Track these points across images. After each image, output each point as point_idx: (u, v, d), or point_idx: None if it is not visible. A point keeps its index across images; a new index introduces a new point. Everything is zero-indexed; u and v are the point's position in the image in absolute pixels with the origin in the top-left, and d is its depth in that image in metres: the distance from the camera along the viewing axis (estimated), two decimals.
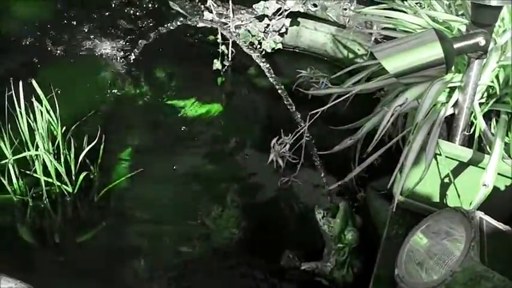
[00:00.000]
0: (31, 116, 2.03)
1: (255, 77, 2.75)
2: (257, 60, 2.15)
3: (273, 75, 2.06)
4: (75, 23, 2.96)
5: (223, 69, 2.75)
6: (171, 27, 2.63)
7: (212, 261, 2.02)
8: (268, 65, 2.14)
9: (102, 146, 2.20)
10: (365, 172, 1.99)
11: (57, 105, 2.05)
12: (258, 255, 2.02)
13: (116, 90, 2.62)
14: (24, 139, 2.06)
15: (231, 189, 2.19)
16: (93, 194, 2.17)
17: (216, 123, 2.51)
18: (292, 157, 2.09)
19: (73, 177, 2.14)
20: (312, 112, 1.79)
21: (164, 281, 1.98)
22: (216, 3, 2.90)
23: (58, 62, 2.72)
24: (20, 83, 1.96)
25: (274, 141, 2.04)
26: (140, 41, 2.74)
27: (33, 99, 1.97)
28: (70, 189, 2.12)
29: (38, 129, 1.99)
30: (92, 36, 2.88)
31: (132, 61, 2.75)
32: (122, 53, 2.81)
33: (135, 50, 2.76)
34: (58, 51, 2.77)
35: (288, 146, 2.01)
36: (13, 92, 1.96)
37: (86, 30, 2.91)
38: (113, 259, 2.02)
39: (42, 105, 1.97)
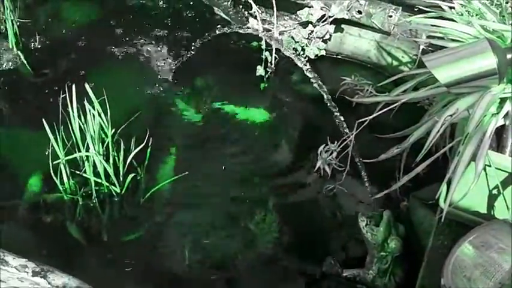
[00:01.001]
0: (82, 118, 2.09)
1: (298, 83, 2.77)
2: (303, 68, 2.16)
3: (320, 83, 2.07)
4: (122, 28, 3.01)
5: (266, 75, 2.77)
6: (213, 34, 2.65)
7: (255, 265, 2.05)
8: (314, 73, 2.15)
9: (149, 149, 2.25)
10: (409, 181, 1.99)
11: (108, 108, 2.10)
12: (300, 260, 2.04)
13: (161, 94, 2.66)
14: (75, 140, 2.12)
15: (275, 194, 2.21)
16: (139, 195, 2.23)
17: (260, 129, 2.53)
18: (338, 164, 2.10)
19: (121, 178, 2.19)
20: (360, 120, 1.80)
21: (206, 283, 2.02)
22: (260, 9, 2.93)
23: (106, 66, 2.78)
24: (73, 86, 2.02)
25: (321, 148, 2.06)
26: (185, 48, 2.80)
27: (86, 102, 2.03)
28: (118, 190, 2.18)
29: (89, 131, 2.05)
30: (138, 41, 2.94)
31: (176, 66, 2.79)
32: (167, 58, 2.85)
33: (181, 55, 2.80)
34: (106, 55, 2.83)
35: (334, 154, 2.02)
36: (67, 94, 2.02)
37: (133, 35, 2.97)
38: (156, 258, 2.07)
39: (94, 108, 2.03)
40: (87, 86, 2.02)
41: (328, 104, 2.06)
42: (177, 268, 2.06)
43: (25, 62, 2.69)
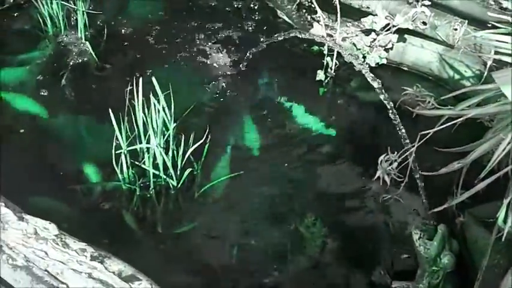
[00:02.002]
0: (146, 111, 2.15)
1: (358, 91, 2.77)
2: (367, 75, 2.16)
3: (383, 92, 2.06)
4: (187, 26, 3.08)
5: (326, 81, 2.78)
6: (279, 38, 2.67)
7: (302, 268, 2.06)
8: (379, 81, 2.14)
9: (207, 145, 2.29)
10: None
11: (172, 103, 2.16)
12: (349, 267, 2.04)
13: (222, 93, 2.71)
14: (137, 132, 2.19)
15: (330, 199, 2.22)
16: (194, 190, 2.27)
17: (318, 132, 2.54)
18: (398, 175, 2.09)
19: (178, 172, 2.24)
20: (423, 132, 1.79)
21: (255, 282, 2.04)
22: (323, 14, 2.94)
23: (170, 62, 2.85)
24: (140, 80, 2.09)
25: (382, 157, 2.06)
26: (248, 49, 2.83)
27: (151, 96, 2.09)
28: (175, 183, 2.23)
29: (151, 124, 2.11)
30: (202, 40, 2.99)
31: (239, 67, 2.83)
32: (229, 58, 2.89)
33: (244, 56, 2.84)
34: (171, 51, 2.90)
35: (395, 164, 2.01)
36: (134, 87, 2.08)
37: (197, 34, 3.02)
38: (206, 253, 2.11)
39: (159, 103, 2.08)
40: (154, 80, 2.07)
41: (390, 113, 2.05)
42: (224, 264, 2.09)
43: (93, 53, 2.78)
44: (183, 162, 2.25)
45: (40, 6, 2.87)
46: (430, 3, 2.73)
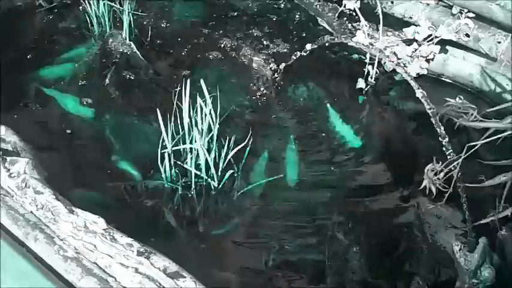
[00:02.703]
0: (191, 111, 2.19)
1: (398, 99, 2.78)
2: (412, 85, 2.17)
3: (428, 102, 2.07)
4: (229, 30, 3.12)
5: (366, 89, 2.79)
6: (323, 43, 2.69)
7: (338, 275, 2.07)
8: (422, 90, 2.15)
9: (248, 148, 2.32)
10: None
11: (218, 105, 2.19)
12: (387, 276, 2.04)
13: (262, 98, 2.74)
14: (182, 132, 2.23)
15: (370, 206, 2.23)
16: (234, 192, 2.30)
17: (358, 140, 2.56)
18: (443, 185, 2.09)
19: (219, 173, 2.27)
20: (470, 144, 1.80)
21: (291, 284, 2.06)
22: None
23: (212, 65, 2.89)
24: (188, 81, 2.13)
25: (428, 167, 2.06)
26: (289, 55, 2.86)
27: (198, 97, 2.13)
28: (215, 184, 2.27)
29: (197, 125, 2.15)
30: (243, 45, 3.02)
31: (279, 72, 2.86)
32: (270, 63, 2.92)
33: (284, 61, 2.87)
34: (213, 55, 2.94)
35: (442, 174, 2.02)
36: (182, 88, 2.13)
37: (239, 39, 3.06)
38: (244, 253, 2.14)
39: (205, 105, 2.12)
40: (202, 82, 2.11)
41: (434, 123, 2.05)
42: (260, 268, 2.11)
43: (138, 52, 2.83)
44: (224, 164, 2.28)
45: (87, 5, 2.94)
46: (474, 15, 2.72)
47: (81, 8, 3.05)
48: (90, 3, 2.92)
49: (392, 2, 2.84)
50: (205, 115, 2.14)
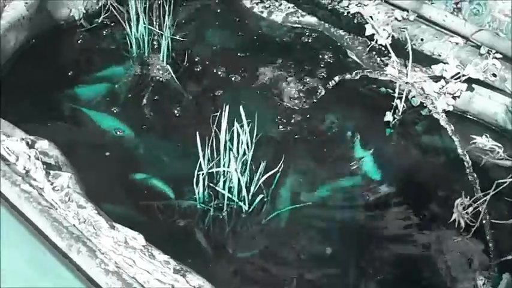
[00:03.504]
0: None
1: (424, 134, 2.84)
2: (442, 121, 2.24)
3: (457, 137, 2.14)
4: (259, 59, 3.21)
5: (393, 122, 2.86)
6: (350, 77, 2.77)
7: None
8: (452, 127, 2.22)
9: (278, 174, 2.40)
10: None
11: (255, 131, 2.28)
12: None
13: (291, 127, 2.82)
14: (218, 157, 2.31)
15: (396, 237, 2.29)
16: (262, 216, 2.38)
17: (384, 173, 2.62)
18: (470, 219, 2.15)
19: (250, 197, 2.35)
20: (500, 181, 1.86)
21: None
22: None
23: (243, 91, 2.98)
24: (227, 107, 2.22)
25: (458, 201, 2.12)
26: (318, 85, 2.95)
27: (236, 123, 2.22)
28: (246, 208, 2.34)
29: (232, 149, 2.23)
30: (272, 73, 3.11)
31: (308, 102, 2.94)
32: (299, 93, 3.00)
33: (313, 92, 2.96)
34: (243, 82, 3.04)
35: (471, 209, 2.08)
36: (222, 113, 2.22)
37: (268, 67, 3.14)
38: (270, 276, 2.20)
39: (243, 131, 2.21)
40: (241, 109, 2.20)
41: (463, 159, 2.12)
42: None
43: (173, 76, 2.94)
44: (256, 188, 2.35)
45: (127, 28, 3.06)
46: (501, 56, 2.80)
47: (122, 29, 3.15)
48: (130, 26, 3.04)
49: (422, 40, 2.92)
50: (242, 142, 2.22)
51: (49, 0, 3.10)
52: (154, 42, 3.13)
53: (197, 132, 2.19)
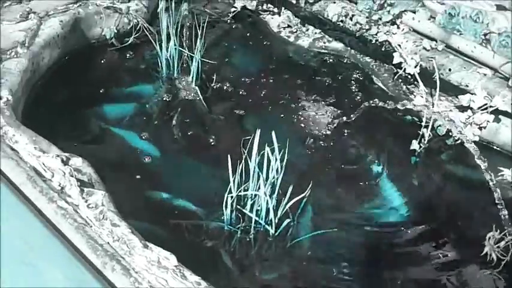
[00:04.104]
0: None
1: (450, 163, 2.86)
2: (473, 152, 2.25)
3: (487, 169, 2.15)
4: (284, 82, 3.26)
5: (419, 150, 2.87)
6: (376, 104, 2.80)
7: None
8: (484, 158, 2.24)
9: (305, 200, 2.42)
10: None
11: (286, 156, 2.30)
12: None
13: (317, 151, 2.84)
14: (247, 179, 2.34)
15: (423, 266, 2.30)
16: (287, 240, 2.39)
17: (408, 202, 2.63)
18: (501, 253, 2.15)
19: (276, 221, 2.37)
20: None
21: None
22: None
23: (269, 114, 3.02)
24: (258, 132, 2.25)
25: (490, 234, 2.13)
26: (343, 111, 2.99)
27: (266, 147, 2.25)
28: (272, 231, 2.36)
29: (262, 173, 2.26)
30: (299, 98, 3.15)
31: (333, 127, 2.96)
32: (324, 119, 3.03)
33: (339, 117, 2.98)
34: (270, 104, 3.07)
35: (503, 243, 2.08)
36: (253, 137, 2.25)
37: (295, 92, 3.19)
38: None
39: (273, 155, 2.24)
40: (273, 134, 2.23)
41: (493, 191, 2.13)
42: None
43: (201, 98, 2.99)
44: (282, 212, 2.37)
45: (158, 48, 3.12)
46: None
47: (153, 49, 3.20)
48: (161, 46, 3.10)
49: (450, 70, 2.95)
50: (272, 169, 2.25)
51: (83, 19, 3.17)
52: (184, 63, 3.18)
53: (228, 156, 2.22)
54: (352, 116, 2.91)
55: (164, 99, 3.01)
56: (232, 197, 2.30)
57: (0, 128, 2.29)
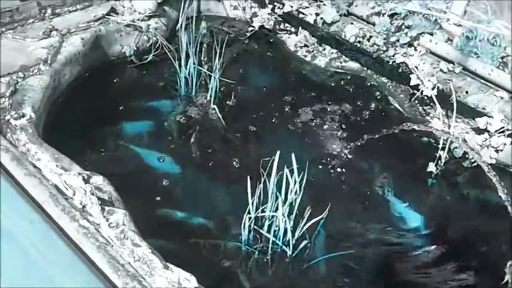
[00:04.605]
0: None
1: (467, 186, 2.86)
2: (489, 174, 2.26)
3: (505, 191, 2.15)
4: (300, 101, 3.28)
5: (436, 172, 2.88)
6: (394, 130, 2.82)
7: None
8: (500, 181, 2.24)
9: (322, 221, 2.43)
10: None
11: (305, 178, 2.32)
12: None
13: (333, 172, 2.85)
14: (265, 199, 2.35)
15: None
16: (305, 261, 2.40)
17: (429, 224, 2.63)
18: None
19: (293, 242, 2.38)
20: None
21: None
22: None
23: (285, 134, 3.04)
24: (277, 153, 2.27)
25: (510, 262, 2.13)
26: (359, 131, 3.01)
27: (286, 169, 2.26)
28: (289, 252, 2.37)
29: (281, 194, 2.27)
30: (313, 118, 3.16)
31: (349, 148, 2.98)
32: (340, 140, 3.04)
33: (355, 138, 3.00)
34: (287, 124, 3.09)
35: None
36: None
37: (310, 112, 3.20)
38: None
39: (292, 178, 2.26)
40: (293, 156, 2.25)
41: (510, 213, 2.13)
42: None
43: (220, 116, 3.02)
44: (300, 234, 2.38)
45: (177, 66, 3.16)
46: None
47: (172, 67, 3.24)
48: (180, 64, 3.13)
49: (467, 92, 2.95)
50: (291, 191, 2.27)
51: (103, 37, 3.21)
52: (202, 81, 3.22)
53: (248, 178, 2.24)
54: (368, 136, 2.92)
55: (182, 116, 3.03)
56: (250, 218, 2.31)
57: (23, 145, 2.33)
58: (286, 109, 3.20)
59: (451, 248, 2.54)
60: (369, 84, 3.46)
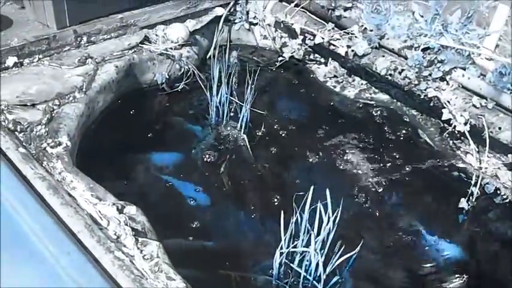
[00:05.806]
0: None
1: (497, 223, 2.82)
2: None
3: None
4: (330, 133, 3.27)
5: (467, 208, 2.84)
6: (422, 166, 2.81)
7: None
8: None
9: (354, 256, 2.41)
10: None
11: (339, 215, 2.31)
12: None
13: (364, 205, 2.83)
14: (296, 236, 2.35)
15: None
16: None
17: (460, 262, 2.60)
18: None
19: (324, 277, 2.36)
20: None
21: None
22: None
23: (316, 166, 3.03)
24: (311, 189, 2.26)
25: None
26: (389, 165, 2.99)
27: (319, 204, 2.26)
28: (320, 287, 2.35)
29: (313, 229, 2.26)
30: (344, 150, 3.15)
31: (380, 181, 2.96)
32: (370, 172, 3.02)
33: (385, 172, 2.99)
34: (316, 157, 3.08)
35: None
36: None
37: (340, 145, 3.19)
38: None
39: (325, 214, 2.25)
40: (327, 193, 2.25)
41: None
42: None
43: (248, 147, 3.03)
44: (332, 268, 2.36)
45: (208, 95, 3.18)
46: None
47: (203, 96, 3.26)
48: (211, 94, 3.16)
49: (499, 128, 2.93)
50: (324, 227, 2.26)
51: (137, 65, 3.26)
52: (232, 110, 3.24)
53: (282, 212, 2.24)
54: (399, 171, 2.91)
55: (212, 146, 3.05)
56: (282, 253, 2.30)
57: (59, 174, 2.36)
58: (315, 140, 3.20)
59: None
60: (398, 116, 3.45)
